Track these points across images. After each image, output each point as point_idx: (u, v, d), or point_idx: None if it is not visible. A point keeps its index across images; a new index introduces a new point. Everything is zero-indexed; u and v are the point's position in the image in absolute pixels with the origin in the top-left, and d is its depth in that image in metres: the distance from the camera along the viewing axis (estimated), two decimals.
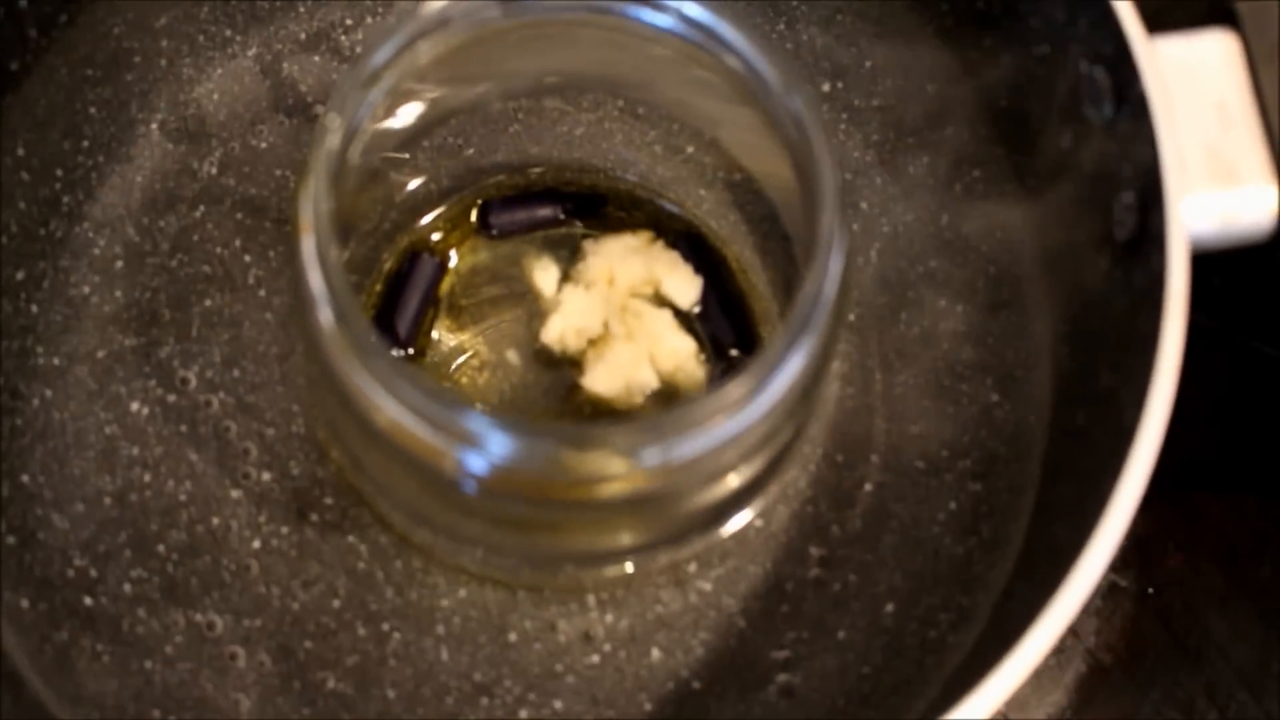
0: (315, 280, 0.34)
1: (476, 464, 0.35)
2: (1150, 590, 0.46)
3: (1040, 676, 0.45)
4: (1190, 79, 0.37)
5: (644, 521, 0.39)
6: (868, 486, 0.45)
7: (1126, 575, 0.46)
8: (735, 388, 0.34)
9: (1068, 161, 0.40)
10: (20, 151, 0.44)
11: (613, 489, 0.35)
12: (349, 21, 0.49)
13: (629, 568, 0.41)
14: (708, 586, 0.44)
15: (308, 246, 0.35)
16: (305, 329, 0.37)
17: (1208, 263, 0.39)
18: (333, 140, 0.35)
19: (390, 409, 0.34)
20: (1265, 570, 0.47)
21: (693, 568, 0.44)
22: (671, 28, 0.38)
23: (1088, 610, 0.46)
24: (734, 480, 0.38)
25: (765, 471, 0.40)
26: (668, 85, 0.43)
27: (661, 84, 0.42)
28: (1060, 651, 0.45)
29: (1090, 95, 0.38)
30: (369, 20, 0.48)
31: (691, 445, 0.34)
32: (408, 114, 0.43)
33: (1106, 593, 0.46)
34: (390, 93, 0.38)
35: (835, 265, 0.35)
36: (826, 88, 0.48)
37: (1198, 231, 0.36)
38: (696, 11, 0.37)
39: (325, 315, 0.35)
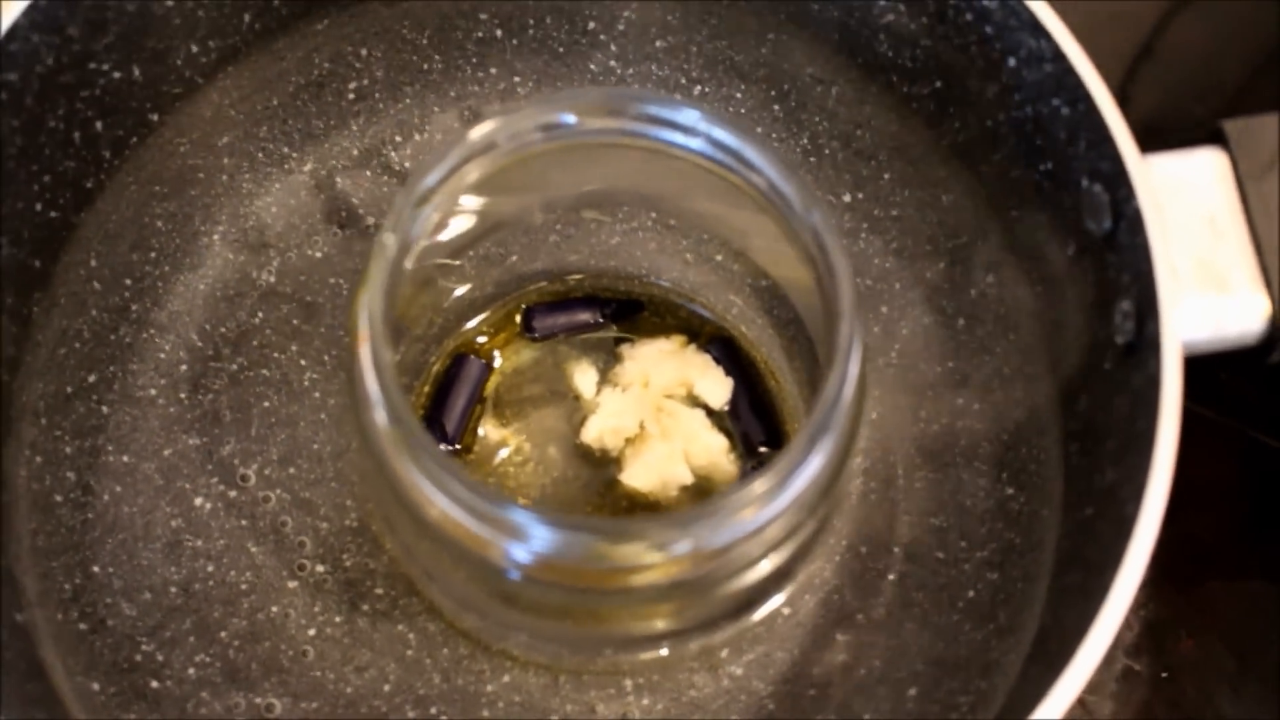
0: (371, 384, 0.37)
1: (520, 554, 0.37)
2: (1164, 674, 0.48)
3: None
4: (1182, 194, 0.39)
5: (678, 608, 0.41)
6: (891, 576, 0.47)
7: (1140, 660, 0.48)
8: (760, 484, 0.36)
9: (1073, 270, 0.43)
10: (93, 263, 0.47)
11: (647, 578, 0.38)
12: (398, 138, 0.52)
13: (664, 652, 0.43)
14: (739, 671, 0.46)
15: (364, 353, 0.37)
16: (361, 428, 0.39)
17: (1212, 359, 0.42)
18: (389, 254, 0.38)
19: (440, 503, 0.37)
20: (1275, 653, 0.49)
21: (725, 653, 0.46)
22: (700, 149, 0.41)
23: (1104, 694, 0.48)
24: (761, 569, 0.40)
25: (791, 561, 0.42)
26: (698, 199, 0.45)
27: (692, 198, 0.45)
28: None
29: (1090, 210, 0.41)
30: (416, 137, 0.52)
31: (720, 537, 0.37)
32: (456, 226, 0.46)
33: (1121, 677, 0.48)
34: (440, 209, 0.41)
35: (853, 369, 0.38)
36: (848, 198, 0.50)
37: (1191, 338, 0.38)
38: (723, 135, 0.40)
39: (380, 416, 0.37)
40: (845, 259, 0.38)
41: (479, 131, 0.39)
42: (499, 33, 0.51)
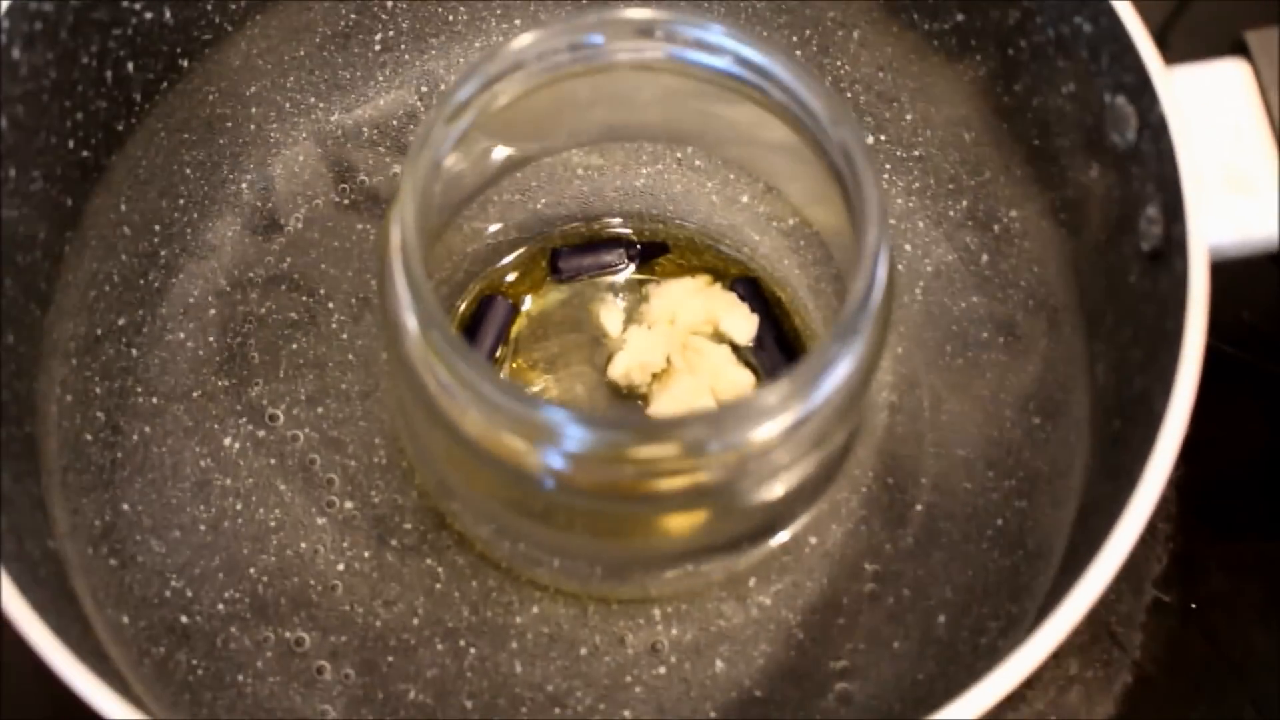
0: (402, 289, 0.37)
1: (554, 459, 0.37)
2: (1194, 606, 0.48)
3: (1089, 687, 0.46)
4: (1206, 103, 0.40)
5: (706, 520, 0.42)
6: (918, 507, 0.47)
7: (1170, 592, 0.48)
8: (788, 382, 0.37)
9: (1096, 189, 0.43)
10: (122, 207, 0.48)
11: (676, 482, 0.38)
12: (424, 89, 0.53)
13: (690, 568, 0.43)
14: (767, 601, 0.46)
15: (395, 259, 0.38)
16: (393, 345, 0.40)
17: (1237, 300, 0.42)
18: (420, 167, 0.38)
19: (474, 409, 0.37)
20: None
21: (753, 582, 0.46)
22: (727, 69, 0.41)
23: (1133, 625, 0.48)
24: (788, 480, 0.40)
25: (818, 478, 0.42)
26: (726, 128, 0.46)
27: (720, 127, 0.45)
28: (1108, 664, 0.47)
29: (1115, 124, 0.41)
30: (442, 88, 0.52)
31: (748, 435, 0.37)
32: (483, 165, 0.47)
33: (1151, 608, 0.48)
34: (469, 136, 0.41)
35: (880, 273, 0.38)
36: (870, 140, 0.51)
37: (1217, 241, 0.39)
38: (750, 53, 0.41)
39: (411, 323, 0.38)
40: (872, 168, 0.38)
41: (509, 47, 0.40)
42: None
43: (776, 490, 0.40)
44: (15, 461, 0.41)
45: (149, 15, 0.45)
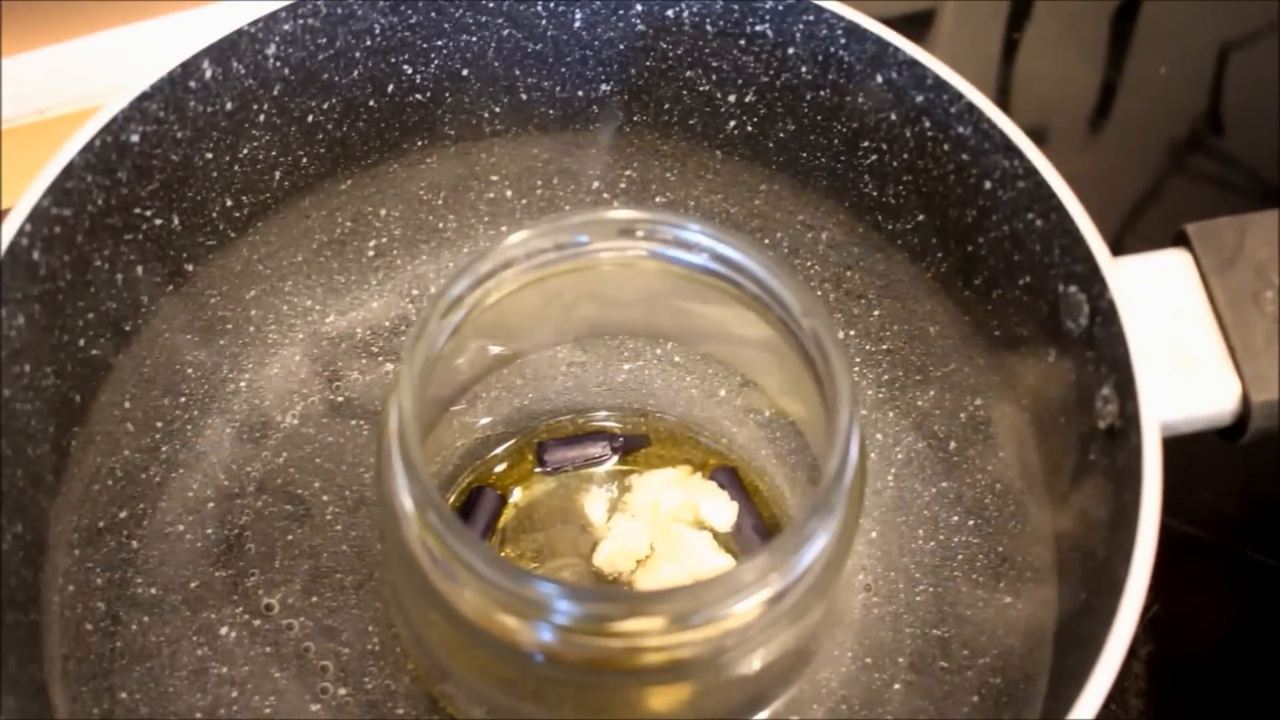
0: (398, 469, 0.39)
1: (545, 633, 0.39)
2: None
3: None
4: (1152, 289, 0.43)
5: (688, 696, 0.43)
6: (896, 686, 0.48)
7: None
8: (768, 556, 0.38)
9: (1054, 374, 0.45)
10: (127, 404, 0.50)
11: (660, 657, 0.39)
12: (415, 292, 0.55)
13: None
14: None
15: (393, 444, 0.40)
16: (390, 530, 0.41)
17: (1194, 480, 0.44)
18: (417, 358, 0.41)
19: (469, 586, 0.39)
20: None
21: None
22: (705, 265, 0.44)
23: None
24: (768, 655, 0.42)
25: (795, 656, 0.44)
26: (705, 320, 0.48)
27: (699, 320, 0.48)
28: None
29: (1068, 311, 0.44)
30: (432, 290, 0.54)
31: (729, 608, 0.39)
32: (473, 363, 0.49)
33: None
34: (462, 332, 0.44)
35: (853, 451, 0.40)
36: (841, 335, 0.54)
37: (1168, 418, 0.41)
38: (726, 250, 0.43)
39: (407, 505, 0.40)
40: (842, 355, 0.41)
41: (500, 245, 0.42)
42: (509, 193, 0.55)
43: (756, 665, 0.42)
44: (20, 647, 0.43)
45: (159, 221, 0.48)
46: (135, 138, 0.46)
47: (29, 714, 0.41)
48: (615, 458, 0.52)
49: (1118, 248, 0.43)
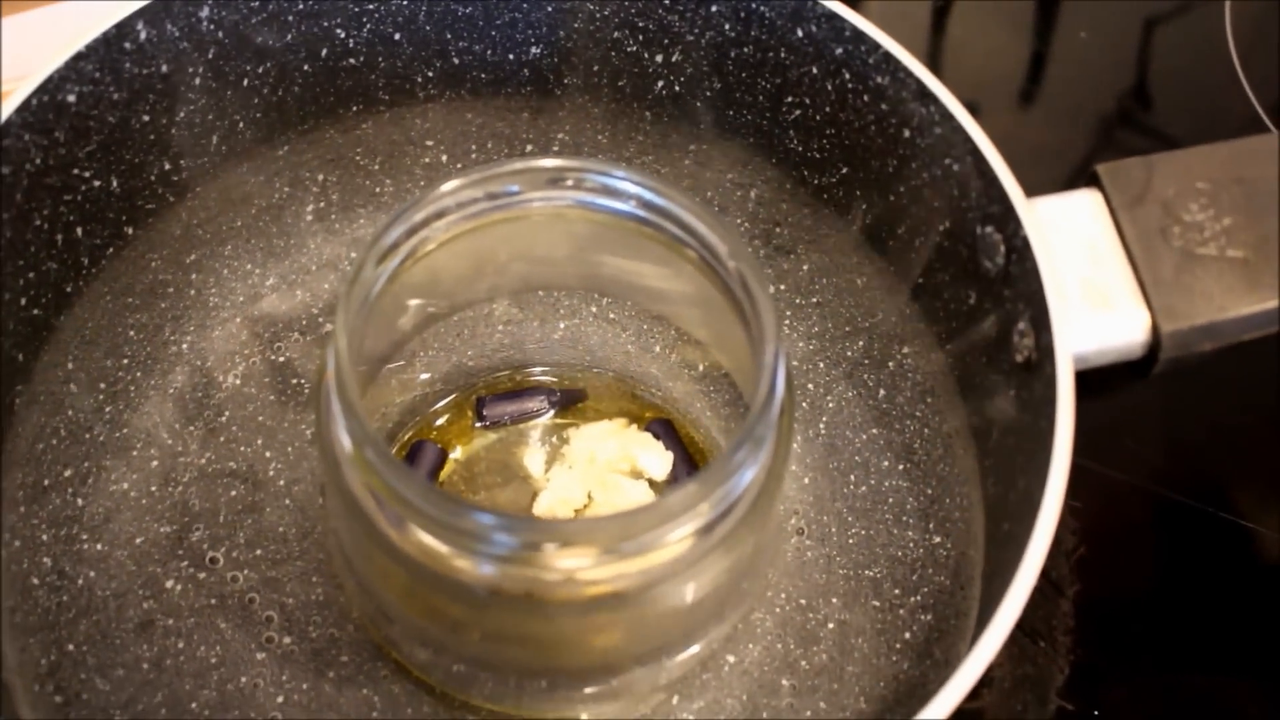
0: (336, 412, 0.40)
1: (485, 566, 0.40)
2: (1096, 714, 0.51)
3: None
4: (1065, 227, 0.44)
5: (625, 628, 0.44)
6: (830, 625, 0.50)
7: (1074, 701, 0.51)
8: (697, 485, 0.39)
9: (975, 316, 0.47)
10: (70, 365, 0.50)
11: (595, 589, 0.41)
12: (353, 254, 0.56)
13: (614, 683, 0.46)
14: (690, 718, 0.48)
15: (331, 386, 0.41)
16: (331, 475, 0.42)
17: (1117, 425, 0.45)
18: (353, 298, 0.41)
19: (410, 521, 0.40)
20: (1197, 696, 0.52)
21: (675, 700, 0.48)
22: (632, 211, 0.45)
23: None
24: (701, 586, 0.43)
25: (727, 589, 0.45)
26: (635, 289, 0.50)
27: (631, 272, 0.49)
28: None
29: (985, 251, 0.45)
30: None
31: (660, 536, 0.40)
32: (408, 318, 0.50)
33: (1055, 717, 0.51)
34: (397, 282, 0.45)
35: (779, 385, 0.41)
36: (771, 290, 0.55)
37: (1081, 350, 0.43)
38: (652, 196, 0.45)
39: (347, 444, 0.41)
40: (766, 293, 0.42)
41: (432, 193, 0.43)
42: (444, 158, 0.56)
43: (689, 597, 0.43)
44: None
45: (97, 183, 0.49)
46: (72, 98, 0.47)
47: None
48: (552, 411, 0.53)
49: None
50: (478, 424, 0.53)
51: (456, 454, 0.53)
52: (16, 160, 0.46)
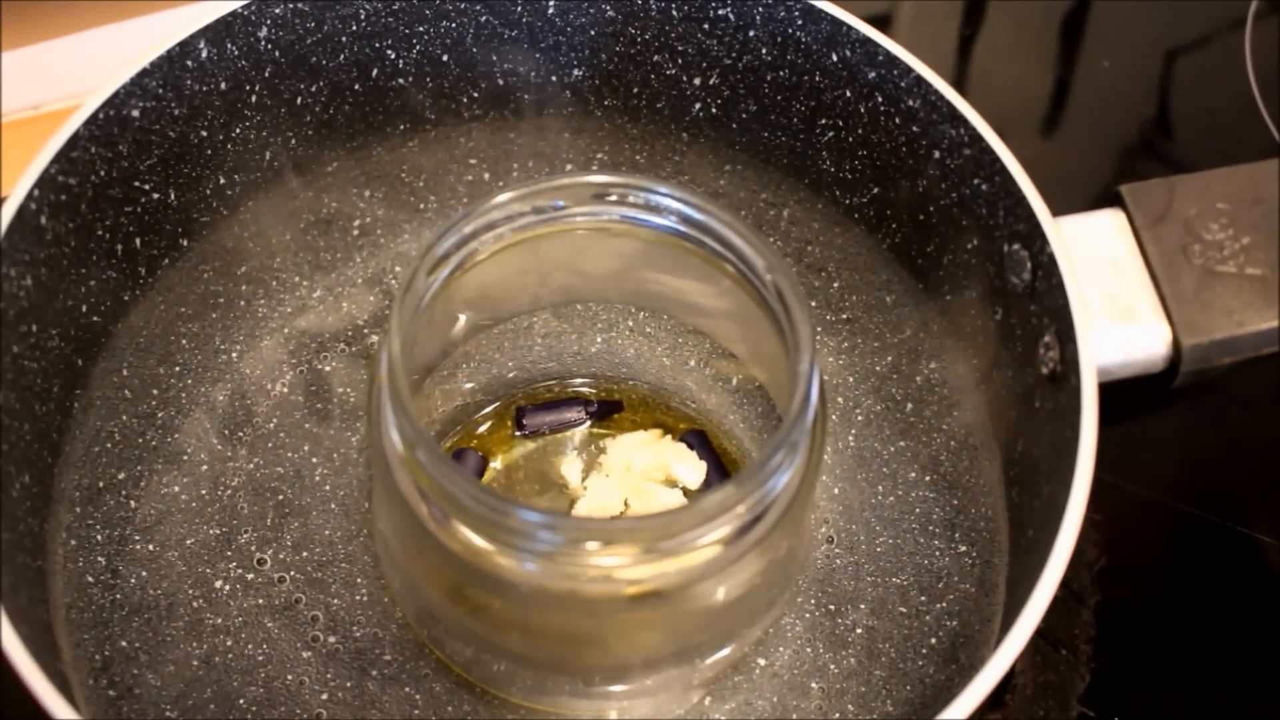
0: (388, 413, 0.42)
1: (529, 563, 0.42)
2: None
3: None
4: (1089, 245, 0.46)
5: (659, 627, 0.46)
6: (858, 630, 0.51)
7: (1095, 708, 0.53)
8: (733, 487, 0.41)
9: (1002, 332, 0.49)
10: (124, 372, 0.52)
11: (634, 588, 0.42)
12: (398, 269, 0.58)
13: (649, 683, 0.47)
14: (722, 719, 0.50)
15: (383, 388, 0.42)
16: (381, 475, 0.44)
17: (1139, 443, 0.46)
18: (405, 305, 0.43)
19: (456, 519, 0.41)
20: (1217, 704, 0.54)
21: (707, 701, 0.50)
22: (673, 227, 0.47)
23: None
24: (735, 586, 0.44)
25: (761, 592, 0.46)
26: (673, 303, 0.51)
27: (667, 301, 0.51)
28: None
29: (1012, 268, 0.47)
30: None
31: (698, 536, 0.41)
32: (456, 327, 0.52)
33: None
34: (446, 292, 0.47)
35: (814, 394, 0.43)
36: None
37: (1104, 362, 0.44)
38: (693, 212, 0.46)
39: (397, 444, 0.42)
40: (803, 305, 0.44)
41: (483, 206, 0.45)
42: (487, 175, 0.58)
43: (724, 597, 0.44)
44: (30, 588, 0.45)
45: (156, 195, 0.51)
46: (136, 113, 0.49)
47: (39, 647, 0.43)
48: (590, 422, 0.55)
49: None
50: (517, 433, 0.55)
51: (496, 463, 0.54)
52: (83, 172, 0.47)
